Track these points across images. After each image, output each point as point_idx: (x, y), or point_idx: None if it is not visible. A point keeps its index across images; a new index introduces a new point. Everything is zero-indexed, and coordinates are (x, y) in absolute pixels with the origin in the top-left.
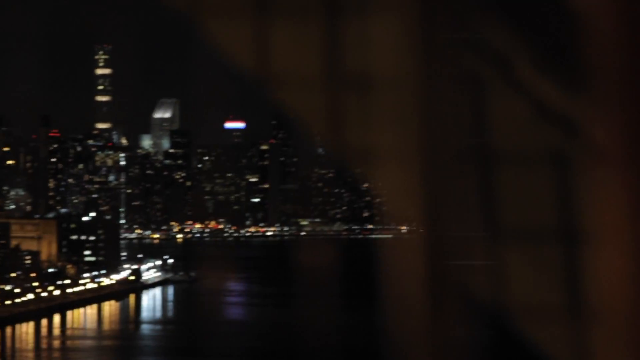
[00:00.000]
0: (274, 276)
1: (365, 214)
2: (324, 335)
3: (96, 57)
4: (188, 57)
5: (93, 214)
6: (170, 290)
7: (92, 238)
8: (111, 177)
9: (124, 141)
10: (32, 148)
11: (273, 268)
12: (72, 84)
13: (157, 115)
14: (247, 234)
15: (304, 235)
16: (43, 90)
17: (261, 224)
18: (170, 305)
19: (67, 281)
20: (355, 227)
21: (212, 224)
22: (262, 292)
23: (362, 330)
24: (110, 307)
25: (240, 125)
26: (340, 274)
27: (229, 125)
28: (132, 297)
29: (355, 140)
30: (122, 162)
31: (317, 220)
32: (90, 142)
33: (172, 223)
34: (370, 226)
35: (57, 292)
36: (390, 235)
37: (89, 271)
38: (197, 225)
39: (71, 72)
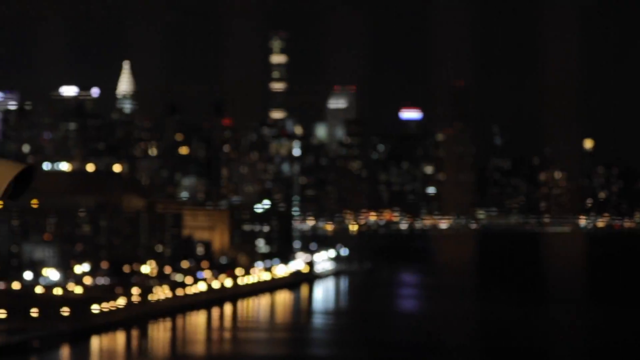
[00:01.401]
0: (448, 268)
1: (542, 206)
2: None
3: (272, 44)
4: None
5: (266, 204)
6: (344, 281)
7: (265, 228)
8: (285, 167)
9: (298, 130)
10: (206, 136)
11: (447, 260)
12: (246, 72)
13: (332, 103)
14: (422, 225)
15: (479, 226)
16: (215, 79)
17: (436, 215)
18: (344, 296)
19: (239, 271)
20: (532, 218)
21: (387, 214)
22: (435, 284)
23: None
24: (282, 298)
25: (416, 115)
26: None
27: (404, 115)
28: (305, 288)
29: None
30: (296, 152)
31: (494, 211)
32: (264, 130)
33: (346, 213)
34: (547, 218)
35: (229, 282)
36: (566, 229)
37: (262, 261)
38: (372, 216)
39: (245, 60)
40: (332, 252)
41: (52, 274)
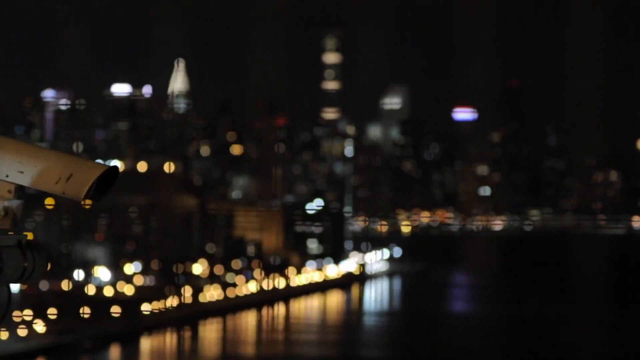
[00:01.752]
0: (503, 269)
1: (598, 206)
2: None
3: (326, 42)
4: (420, 42)
5: (319, 204)
6: (397, 281)
7: (317, 228)
8: (337, 167)
9: (351, 130)
10: (258, 135)
11: (502, 261)
12: (299, 70)
13: (386, 103)
14: (475, 226)
15: (534, 227)
16: (270, 76)
17: (490, 216)
18: (396, 297)
19: (291, 271)
20: (587, 219)
21: (440, 215)
22: (490, 286)
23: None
24: (334, 299)
25: (470, 116)
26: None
27: (458, 115)
28: (357, 289)
29: None
30: (349, 151)
31: (548, 212)
32: (317, 130)
33: (399, 214)
34: (602, 218)
35: (280, 283)
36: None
37: (314, 261)
38: (425, 217)
39: (299, 58)
40: (384, 253)
41: (103, 273)
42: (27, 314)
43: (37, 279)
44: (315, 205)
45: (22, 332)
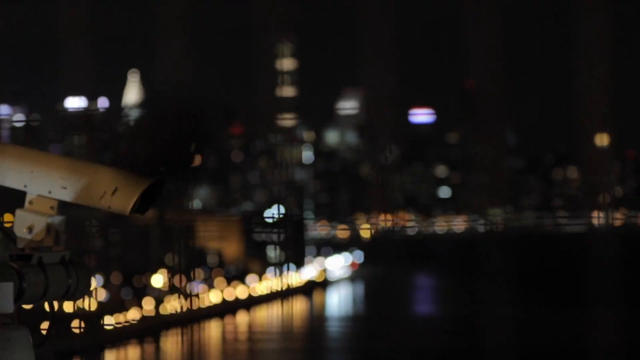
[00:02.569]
0: (466, 271)
1: (557, 204)
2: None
3: (279, 49)
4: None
5: (277, 211)
6: (357, 286)
7: (277, 235)
8: (295, 173)
9: (307, 136)
10: (214, 144)
11: (465, 262)
12: (253, 78)
13: (341, 107)
14: (435, 228)
15: (492, 226)
16: (223, 85)
17: (450, 217)
18: (358, 301)
19: (252, 279)
20: (547, 216)
21: (401, 218)
22: (450, 287)
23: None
24: (297, 305)
25: (427, 118)
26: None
27: (416, 117)
28: (319, 294)
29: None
30: (307, 158)
31: (507, 211)
32: (274, 137)
33: (358, 218)
34: (562, 215)
35: (242, 291)
36: (581, 228)
37: (275, 268)
38: (384, 220)
39: (252, 65)
40: (345, 258)
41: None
42: None
43: (81, 296)
44: (272, 212)
45: None
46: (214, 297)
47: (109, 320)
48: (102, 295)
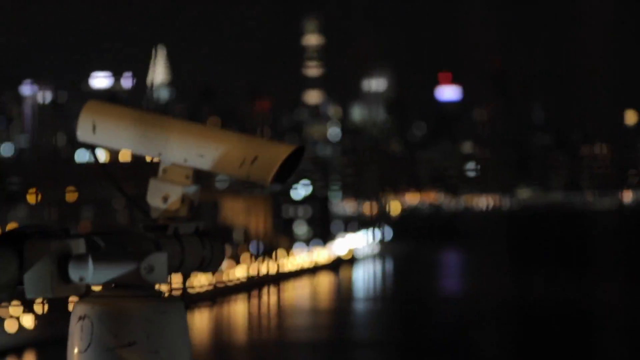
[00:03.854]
0: (493, 249)
1: (586, 183)
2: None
3: (306, 25)
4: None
5: (305, 187)
6: (386, 263)
7: (304, 212)
8: (322, 149)
9: (334, 111)
10: (240, 120)
11: (492, 240)
12: (280, 54)
13: (369, 83)
14: (464, 205)
15: (522, 205)
16: (250, 61)
17: (478, 194)
18: (386, 279)
19: (279, 255)
20: (575, 195)
21: (428, 194)
22: (481, 264)
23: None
24: (324, 281)
25: (454, 97)
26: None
27: (442, 94)
28: (346, 271)
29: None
30: (333, 134)
31: (536, 189)
32: (300, 113)
33: (387, 195)
34: (590, 195)
35: (269, 267)
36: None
37: (302, 244)
38: (412, 197)
39: (279, 42)
40: (373, 234)
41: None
42: (16, 306)
43: (215, 267)
44: (301, 185)
45: (10, 327)
46: (240, 272)
47: None
48: None
